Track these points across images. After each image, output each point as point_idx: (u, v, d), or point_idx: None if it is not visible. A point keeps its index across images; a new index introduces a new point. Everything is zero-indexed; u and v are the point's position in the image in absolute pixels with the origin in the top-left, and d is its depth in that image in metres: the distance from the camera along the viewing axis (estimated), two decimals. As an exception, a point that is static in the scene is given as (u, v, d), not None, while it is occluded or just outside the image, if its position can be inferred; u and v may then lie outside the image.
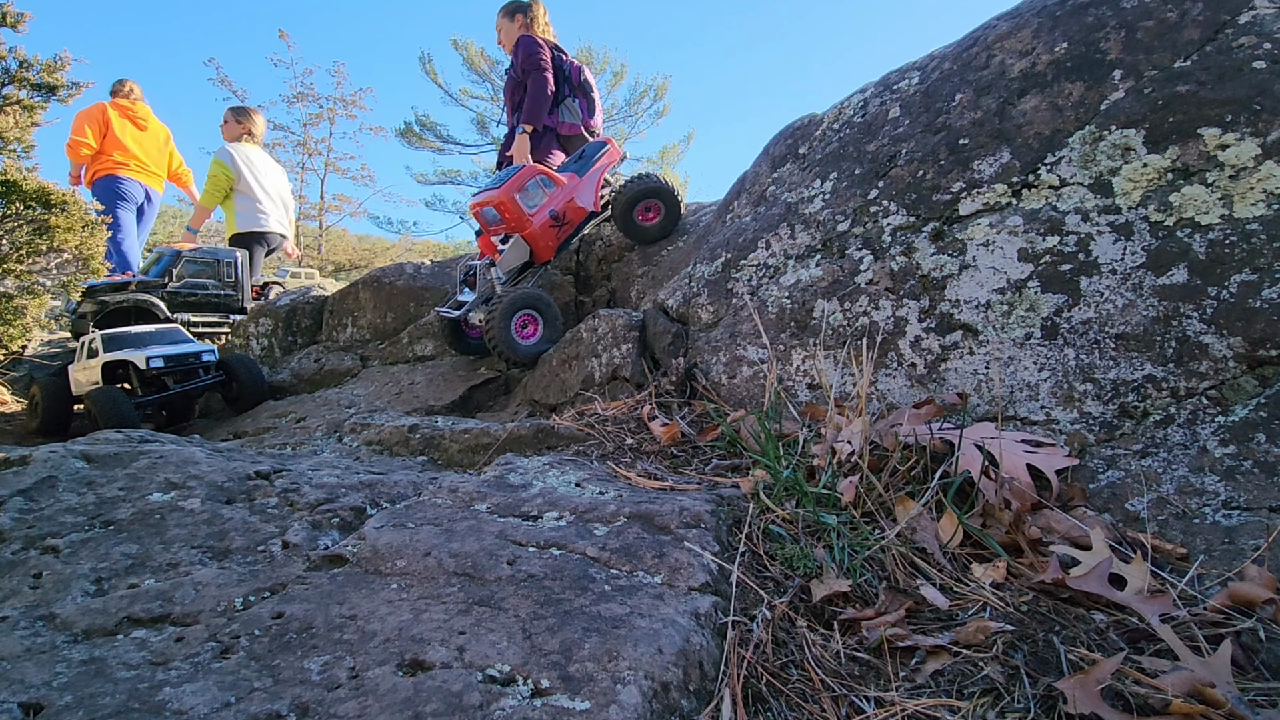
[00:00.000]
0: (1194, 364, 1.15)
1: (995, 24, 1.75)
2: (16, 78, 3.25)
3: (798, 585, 0.95)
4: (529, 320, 2.68)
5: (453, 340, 3.07)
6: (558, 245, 2.98)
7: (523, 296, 2.64)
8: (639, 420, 1.72)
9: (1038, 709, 0.72)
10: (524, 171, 2.90)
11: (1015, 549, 1.03)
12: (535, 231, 2.86)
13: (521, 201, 2.84)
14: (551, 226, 2.92)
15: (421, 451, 1.87)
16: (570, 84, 3.78)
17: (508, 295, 2.62)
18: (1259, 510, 0.96)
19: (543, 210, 2.89)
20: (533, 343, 2.62)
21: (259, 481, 1.25)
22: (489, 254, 2.99)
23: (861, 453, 1.18)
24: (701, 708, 0.72)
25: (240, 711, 0.66)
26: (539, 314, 2.68)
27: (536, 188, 2.90)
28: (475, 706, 0.65)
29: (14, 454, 1.24)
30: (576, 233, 3.06)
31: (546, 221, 2.90)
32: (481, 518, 1.09)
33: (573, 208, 3.00)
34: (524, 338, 2.64)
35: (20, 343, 3.38)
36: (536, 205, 2.88)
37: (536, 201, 2.89)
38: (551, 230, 2.93)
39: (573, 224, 3.01)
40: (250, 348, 4.19)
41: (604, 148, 3.24)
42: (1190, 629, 0.82)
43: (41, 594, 0.88)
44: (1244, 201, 1.19)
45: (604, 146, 3.26)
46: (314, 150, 21.17)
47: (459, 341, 3.08)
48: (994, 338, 1.35)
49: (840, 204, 1.79)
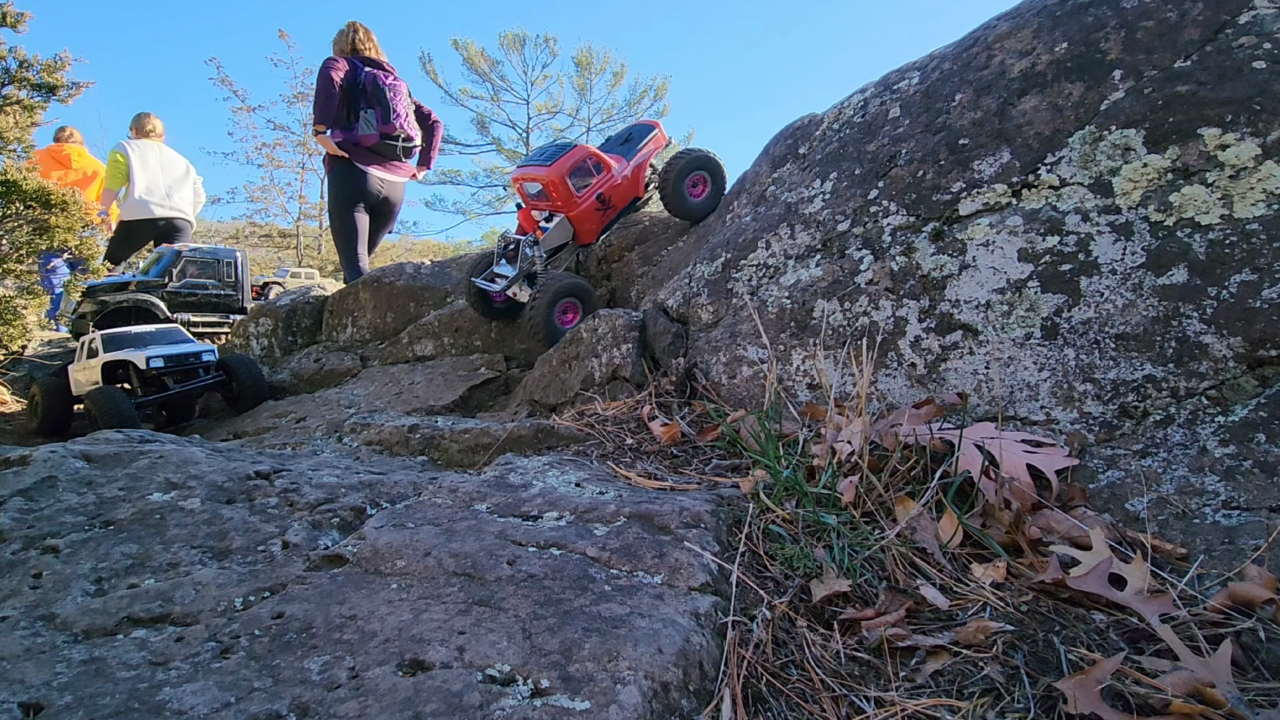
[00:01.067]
0: (1194, 364, 1.15)
1: (995, 24, 1.75)
2: (16, 78, 3.25)
3: (798, 585, 0.95)
4: (570, 307, 2.70)
5: (479, 305, 3.10)
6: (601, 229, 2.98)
7: (568, 285, 2.65)
8: (639, 420, 1.72)
9: (1038, 709, 0.72)
10: (575, 151, 2.87)
11: (1015, 549, 1.03)
12: (581, 213, 2.85)
13: (571, 182, 2.82)
14: (597, 210, 2.91)
15: (421, 451, 1.87)
16: (366, 96, 3.98)
17: (555, 282, 2.62)
18: (1259, 510, 0.96)
19: (590, 193, 2.87)
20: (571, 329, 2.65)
21: (259, 481, 1.25)
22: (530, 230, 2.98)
23: (861, 453, 1.18)
24: (701, 708, 0.72)
25: (240, 711, 0.66)
26: (580, 302, 2.71)
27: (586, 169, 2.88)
28: (475, 706, 0.65)
29: (14, 454, 1.24)
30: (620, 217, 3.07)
31: (593, 204, 2.88)
32: (481, 518, 1.09)
33: (619, 191, 2.98)
34: (563, 324, 2.67)
35: (20, 343, 3.38)
36: (585, 187, 2.86)
37: (585, 183, 2.87)
38: (597, 214, 2.92)
39: (617, 208, 3.01)
40: (250, 348, 4.19)
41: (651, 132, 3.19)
42: (1190, 629, 0.82)
43: (41, 594, 0.88)
44: (1244, 201, 1.19)
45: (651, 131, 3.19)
46: (314, 150, 21.16)
47: (485, 306, 3.11)
48: (994, 338, 1.35)
49: (840, 204, 1.79)
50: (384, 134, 4.07)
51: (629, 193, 3.03)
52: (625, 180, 2.99)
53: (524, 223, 3.07)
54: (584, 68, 21.33)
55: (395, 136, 4.09)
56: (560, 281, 2.64)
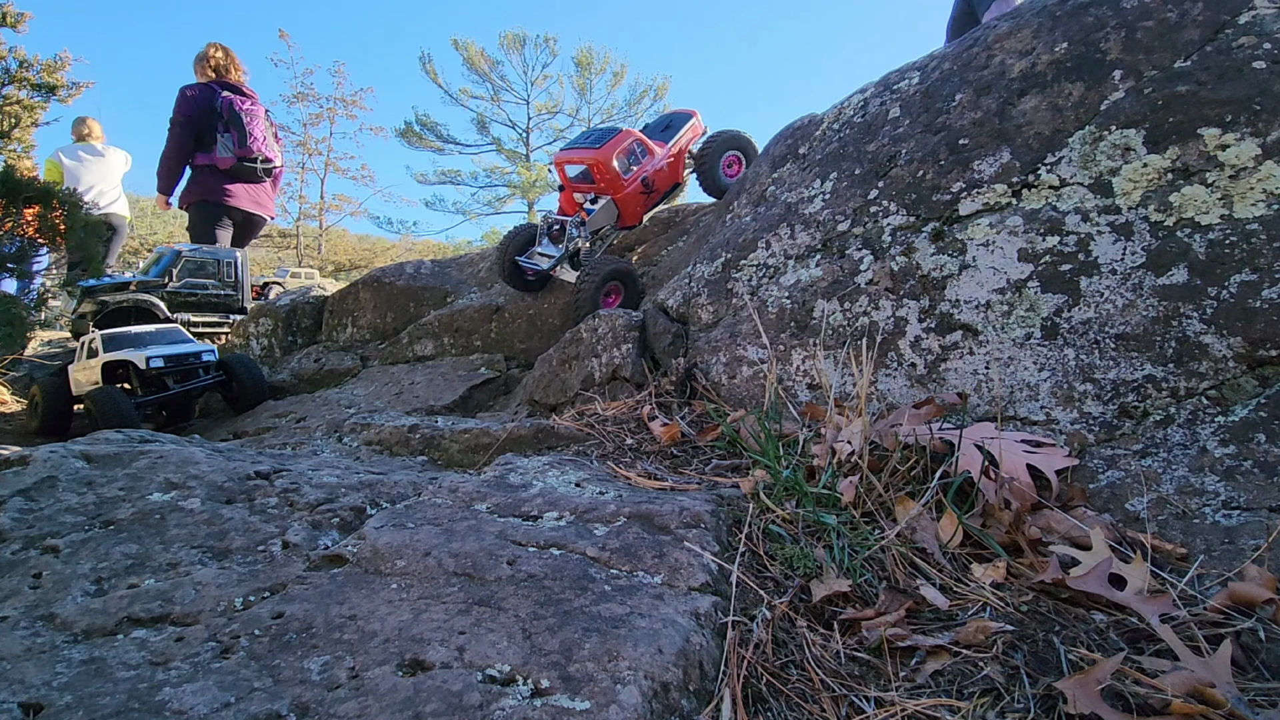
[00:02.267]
0: (1194, 364, 1.15)
1: (995, 24, 1.75)
2: (16, 78, 3.25)
3: (798, 585, 0.95)
4: (613, 290, 2.77)
5: (511, 278, 3.16)
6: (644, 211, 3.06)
7: (615, 269, 2.72)
8: (639, 420, 1.72)
9: (1038, 709, 0.72)
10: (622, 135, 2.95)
11: (1015, 549, 1.03)
12: (627, 196, 2.92)
13: (617, 165, 2.89)
14: (642, 193, 2.99)
15: (421, 451, 1.87)
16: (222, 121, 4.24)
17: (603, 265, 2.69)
18: (1259, 510, 0.96)
19: (636, 176, 2.95)
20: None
21: (259, 481, 1.25)
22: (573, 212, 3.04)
23: (861, 453, 1.18)
24: (701, 708, 0.72)
25: (240, 711, 0.66)
26: (624, 285, 2.78)
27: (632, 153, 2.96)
28: (475, 706, 0.65)
29: (14, 454, 1.24)
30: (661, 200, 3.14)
31: (638, 188, 2.96)
32: (481, 518, 1.09)
33: (661, 176, 3.06)
34: (606, 305, 2.73)
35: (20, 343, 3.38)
36: (631, 170, 2.94)
37: (631, 166, 2.94)
38: (641, 196, 2.99)
39: (660, 192, 3.08)
40: (250, 348, 4.19)
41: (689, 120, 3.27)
42: (1190, 629, 0.82)
43: (41, 594, 0.88)
44: (1244, 201, 1.19)
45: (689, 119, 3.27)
46: (314, 150, 21.20)
47: (516, 278, 3.17)
48: (994, 338, 1.35)
49: (840, 204, 1.79)
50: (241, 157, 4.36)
51: (670, 178, 3.13)
52: (667, 165, 3.09)
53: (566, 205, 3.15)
54: (584, 68, 21.35)
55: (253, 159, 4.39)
56: (608, 265, 2.72)
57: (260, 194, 4.64)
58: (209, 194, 4.34)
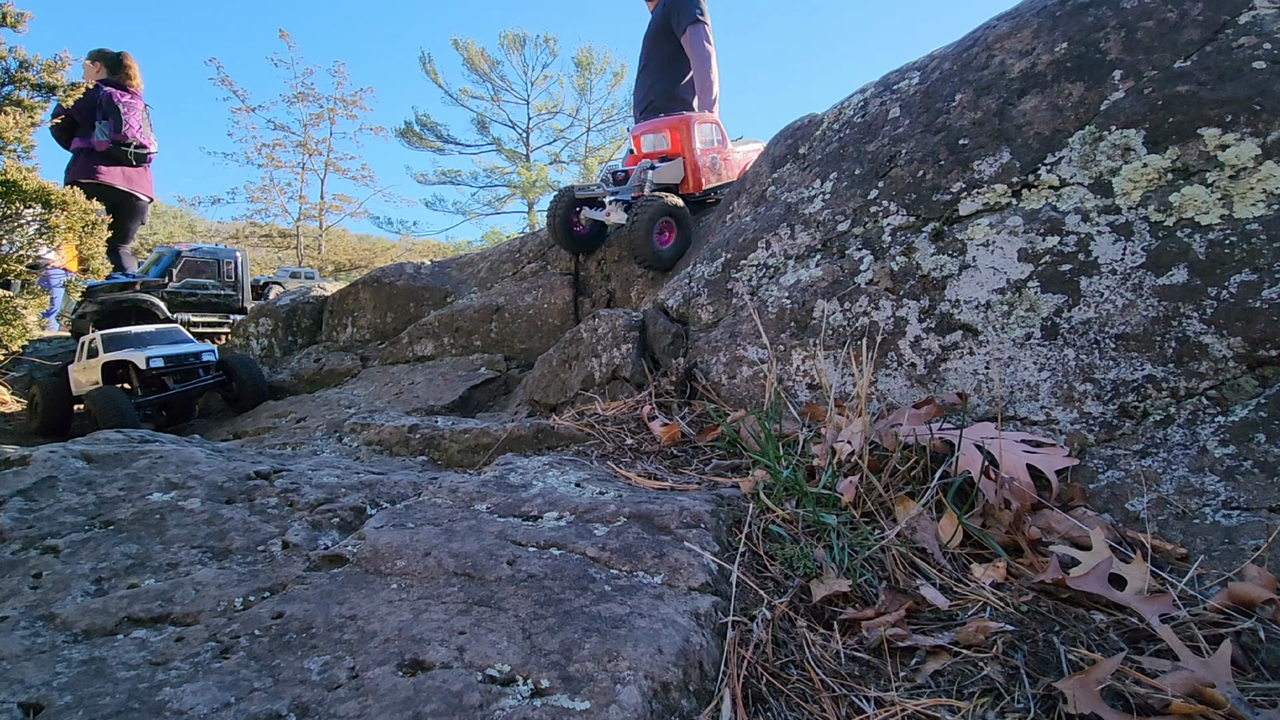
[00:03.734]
0: (1194, 364, 1.15)
1: (995, 24, 1.75)
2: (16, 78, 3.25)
3: (798, 585, 0.95)
4: (666, 227, 2.82)
5: (562, 233, 3.23)
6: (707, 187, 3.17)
7: (665, 205, 2.77)
8: (639, 420, 1.72)
9: (1038, 709, 0.72)
10: (703, 114, 3.24)
11: (1015, 549, 1.03)
12: (696, 162, 3.08)
13: (699, 133, 3.10)
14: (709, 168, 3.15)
15: (421, 451, 1.87)
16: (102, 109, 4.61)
17: (653, 201, 2.75)
18: (1259, 510, 0.96)
19: (709, 151, 3.14)
20: (667, 248, 2.80)
21: (259, 481, 1.25)
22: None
23: (861, 453, 1.18)
24: (701, 708, 0.72)
25: (240, 711, 0.66)
26: (676, 222, 2.83)
27: (710, 129, 3.20)
28: (475, 706, 0.65)
29: (14, 454, 1.24)
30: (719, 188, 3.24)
31: (709, 161, 3.14)
32: (481, 518, 1.09)
33: (728, 166, 3.25)
34: (660, 243, 2.79)
35: (20, 343, 3.38)
36: (705, 144, 3.14)
37: (707, 140, 3.16)
38: (708, 169, 3.14)
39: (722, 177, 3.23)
40: (250, 348, 4.19)
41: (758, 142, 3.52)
42: (1190, 629, 0.82)
43: (41, 594, 0.88)
44: (1244, 201, 1.19)
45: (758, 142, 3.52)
46: (314, 150, 21.19)
47: (566, 235, 3.24)
48: (994, 338, 1.35)
49: (840, 204, 1.79)
50: (115, 141, 4.66)
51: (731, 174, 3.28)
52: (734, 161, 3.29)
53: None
54: (584, 68, 21.35)
55: (127, 144, 4.70)
56: (658, 201, 2.77)
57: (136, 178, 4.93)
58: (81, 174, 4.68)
